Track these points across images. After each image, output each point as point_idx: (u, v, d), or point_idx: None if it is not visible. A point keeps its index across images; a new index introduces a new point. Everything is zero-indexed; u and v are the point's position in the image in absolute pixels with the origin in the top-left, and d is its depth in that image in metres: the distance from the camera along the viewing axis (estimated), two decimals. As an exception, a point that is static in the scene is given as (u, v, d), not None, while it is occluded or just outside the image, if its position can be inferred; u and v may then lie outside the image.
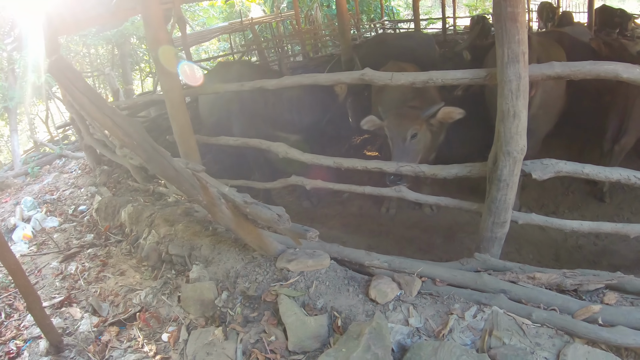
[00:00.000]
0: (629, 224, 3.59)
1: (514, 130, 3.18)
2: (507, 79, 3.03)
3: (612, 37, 13.02)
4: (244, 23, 17.86)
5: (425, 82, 3.59)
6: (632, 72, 2.90)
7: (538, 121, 5.13)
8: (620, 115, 6.07)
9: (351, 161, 4.35)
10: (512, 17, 2.84)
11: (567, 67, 3.09)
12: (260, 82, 4.84)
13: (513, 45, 2.92)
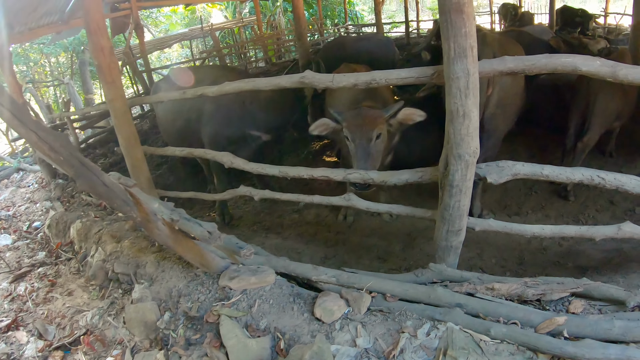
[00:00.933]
0: (594, 226, 3.42)
1: (465, 132, 2.94)
2: (455, 76, 2.80)
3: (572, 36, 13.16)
4: (204, 29, 17.54)
5: (367, 82, 3.36)
6: (592, 64, 2.71)
7: (496, 121, 4.97)
8: (581, 112, 5.98)
9: (297, 170, 4.21)
10: (457, 8, 2.63)
11: (520, 62, 2.88)
12: (201, 89, 4.67)
13: (459, 39, 2.70)
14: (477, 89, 2.85)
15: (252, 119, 5.95)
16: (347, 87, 3.59)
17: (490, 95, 4.75)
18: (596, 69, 2.72)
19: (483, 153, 5.01)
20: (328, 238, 5.83)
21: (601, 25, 18.28)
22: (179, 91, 5.18)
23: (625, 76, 2.67)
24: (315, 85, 3.63)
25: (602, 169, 6.66)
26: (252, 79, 4.24)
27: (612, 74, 2.69)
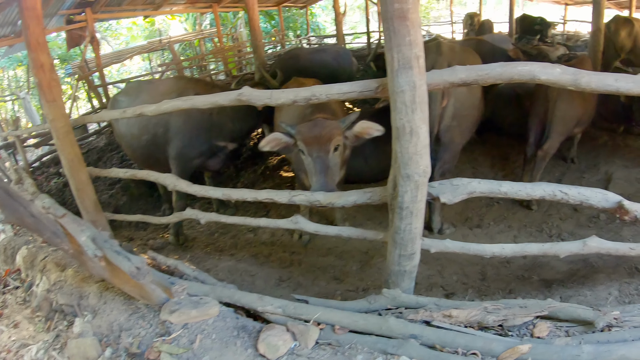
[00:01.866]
0: (557, 243, 3.26)
1: (412, 150, 2.73)
2: (399, 89, 2.60)
3: (531, 45, 13.28)
4: (163, 42, 17.18)
5: (307, 99, 3.12)
6: (551, 72, 2.54)
7: (452, 133, 4.83)
8: (541, 120, 5.89)
9: (240, 192, 4.06)
10: (400, 15, 2.43)
11: (473, 72, 2.68)
12: (140, 108, 4.47)
13: (404, 49, 2.50)
14: (425, 103, 2.64)
15: (220, 130, 5.87)
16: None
17: (445, 107, 4.60)
18: (556, 77, 2.55)
19: (440, 166, 4.92)
20: (283, 258, 5.57)
21: (560, 33, 18.56)
22: (119, 110, 5.00)
23: (588, 84, 2.51)
24: (253, 102, 3.39)
25: (564, 175, 6.79)
26: (190, 97, 4.01)
27: (573, 82, 2.53)
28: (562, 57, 11.78)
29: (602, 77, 2.50)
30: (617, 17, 10.18)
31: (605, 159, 7.00)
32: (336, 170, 4.19)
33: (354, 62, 9.33)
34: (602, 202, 2.87)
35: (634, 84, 2.46)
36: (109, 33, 26.82)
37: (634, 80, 2.46)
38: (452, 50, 5.06)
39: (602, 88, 2.51)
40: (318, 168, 4.02)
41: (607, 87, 2.50)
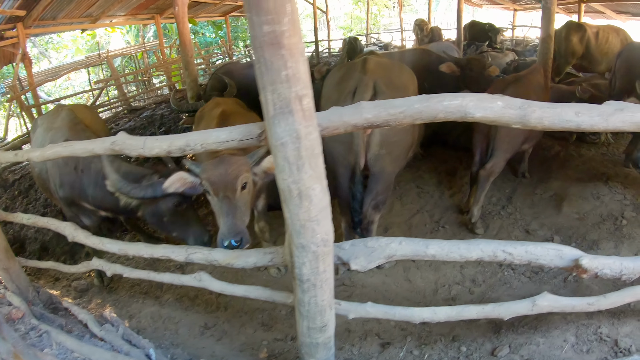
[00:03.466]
0: (502, 304, 2.81)
1: (305, 217, 2.21)
2: (279, 142, 2.08)
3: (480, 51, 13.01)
4: (102, 56, 16.35)
5: (181, 149, 2.59)
6: (490, 107, 2.10)
7: (382, 162, 4.31)
8: (485, 137, 5.43)
9: (137, 248, 3.73)
10: (272, 41, 1.90)
11: (382, 110, 2.17)
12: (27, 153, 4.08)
13: (280, 87, 1.97)
14: (317, 156, 2.13)
15: (82, 190, 4.78)
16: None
17: (370, 135, 4.09)
18: (497, 114, 2.10)
19: (372, 198, 4.39)
20: (209, 301, 4.99)
21: (509, 38, 18.53)
22: (11, 153, 4.53)
23: (540, 121, 2.06)
24: (127, 152, 2.89)
25: (514, 192, 6.34)
26: (70, 143, 3.49)
27: (521, 119, 2.08)
28: (511, 64, 11.53)
29: (559, 110, 2.04)
30: (569, 22, 10.15)
31: (558, 172, 6.62)
32: (246, 210, 3.75)
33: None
34: (556, 260, 2.44)
35: (599, 117, 2.00)
36: (49, 46, 25.73)
37: (599, 112, 2.01)
38: (380, 67, 4.59)
39: (559, 125, 2.05)
40: (225, 209, 3.63)
41: (565, 124, 2.05)
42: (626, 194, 5.69)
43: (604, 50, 9.66)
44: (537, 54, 7.93)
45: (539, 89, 5.96)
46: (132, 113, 14.17)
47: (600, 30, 9.76)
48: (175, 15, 8.44)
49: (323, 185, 2.20)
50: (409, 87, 4.70)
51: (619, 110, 1.98)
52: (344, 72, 4.82)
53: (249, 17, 1.91)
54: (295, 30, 1.92)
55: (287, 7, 1.87)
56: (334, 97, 4.55)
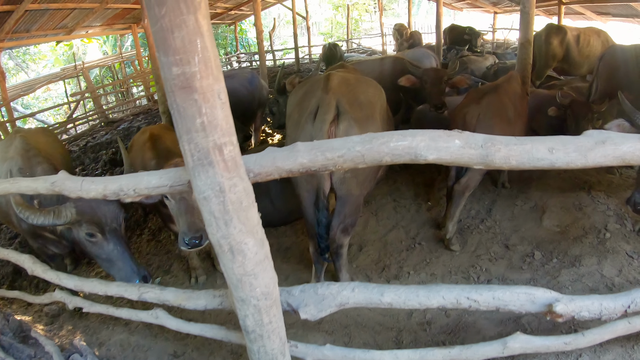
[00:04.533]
0: (470, 346, 2.54)
1: (240, 271, 2.00)
2: (201, 195, 1.88)
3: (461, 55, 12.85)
4: (78, 67, 16.01)
5: (116, 192, 2.41)
6: (445, 147, 1.88)
7: (348, 185, 4.07)
8: (461, 147, 5.19)
9: (92, 284, 3.67)
10: (183, 84, 1.68)
11: (319, 154, 1.98)
12: None
13: (196, 137, 1.76)
14: (248, 209, 1.94)
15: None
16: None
17: None
18: (454, 155, 1.87)
19: (340, 222, 4.25)
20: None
21: (490, 41, 18.45)
22: None
23: (506, 160, 1.83)
24: (66, 194, 2.78)
25: (494, 203, 6.11)
26: (16, 180, 3.49)
27: (483, 159, 1.86)
28: (490, 68, 11.38)
29: (529, 147, 1.81)
30: (549, 25, 9.99)
31: (539, 180, 6.42)
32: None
33: (264, 87, 8.61)
34: (527, 305, 2.21)
35: (577, 153, 1.77)
36: (27, 58, 25.29)
37: (577, 147, 1.78)
38: (344, 84, 4.31)
39: (529, 164, 1.83)
40: (183, 209, 3.84)
41: (536, 163, 1.83)
42: (609, 203, 5.50)
43: (585, 53, 9.53)
44: (516, 59, 7.76)
45: (516, 97, 5.75)
46: (109, 125, 13.94)
47: (581, 33, 9.63)
48: (145, 27, 8.22)
49: (258, 237, 2.00)
50: (375, 105, 4.43)
51: (600, 143, 1.75)
52: (306, 89, 4.52)
53: (157, 56, 1.69)
54: (208, 71, 1.69)
55: (198, 44, 1.64)
56: (295, 117, 4.29)
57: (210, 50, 1.67)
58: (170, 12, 1.58)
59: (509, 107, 5.43)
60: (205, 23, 1.64)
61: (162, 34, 1.61)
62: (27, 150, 4.68)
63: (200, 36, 1.63)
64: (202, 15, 1.62)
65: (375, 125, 4.17)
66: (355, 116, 3.99)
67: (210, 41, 1.68)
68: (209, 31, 1.67)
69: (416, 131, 1.91)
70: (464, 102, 5.58)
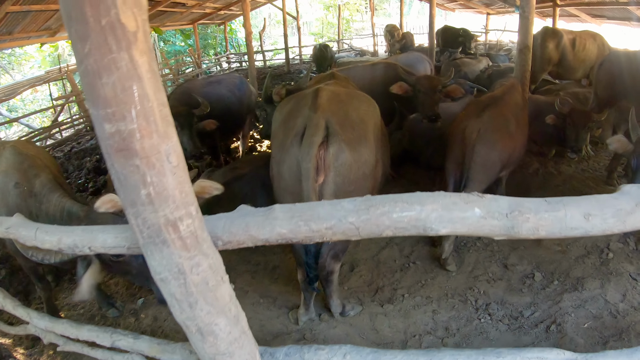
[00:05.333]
0: None
1: (213, 351, 1.77)
2: (158, 277, 1.60)
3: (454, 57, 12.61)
4: (63, 70, 15.61)
5: (70, 247, 2.12)
6: (463, 218, 1.59)
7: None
8: (459, 165, 4.92)
9: (63, 326, 3.44)
10: (120, 146, 1.33)
11: (303, 224, 1.67)
12: None
13: (142, 211, 1.43)
14: (215, 288, 1.65)
15: None
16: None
17: (323, 184, 3.55)
18: (473, 228, 1.59)
19: (331, 248, 3.99)
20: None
21: (483, 42, 18.24)
22: None
23: (534, 231, 1.56)
24: (21, 241, 2.50)
25: None
26: None
27: (507, 232, 1.58)
28: (484, 71, 11.17)
29: (562, 214, 1.52)
30: (544, 28, 9.80)
31: (537, 193, 6.18)
32: None
33: (252, 92, 8.29)
34: None
35: (615, 219, 1.51)
36: (13, 60, 24.81)
37: (615, 211, 1.51)
38: (334, 100, 3.94)
39: (560, 233, 1.56)
40: None
41: (569, 232, 1.55)
42: (611, 219, 5.25)
43: (580, 57, 9.33)
44: (515, 66, 7.53)
45: (517, 109, 5.48)
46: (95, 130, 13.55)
47: (577, 36, 9.42)
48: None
49: (231, 315, 1.73)
50: (368, 123, 4.04)
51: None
52: (292, 105, 4.13)
53: (88, 108, 1.36)
54: (151, 127, 1.33)
55: (134, 92, 1.26)
56: (280, 137, 3.92)
57: (152, 98, 1.30)
58: (96, 49, 1.21)
59: (511, 121, 5.15)
60: (145, 61, 1.27)
61: (88, 79, 1.25)
62: (21, 162, 4.20)
63: (138, 80, 1.26)
64: (139, 51, 1.25)
65: (369, 147, 3.82)
66: (346, 138, 3.62)
67: (152, 85, 1.30)
68: (151, 71, 1.29)
69: (426, 197, 1.62)
70: (463, 116, 5.27)
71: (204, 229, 1.58)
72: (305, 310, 4.39)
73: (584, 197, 1.55)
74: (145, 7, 1.25)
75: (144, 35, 1.25)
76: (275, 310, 4.68)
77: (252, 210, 1.72)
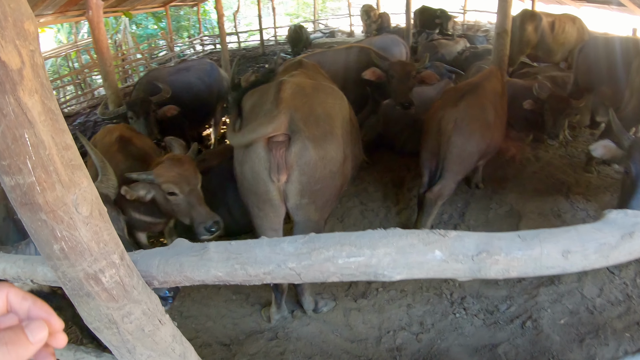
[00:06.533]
0: None
1: None
2: (91, 326, 1.46)
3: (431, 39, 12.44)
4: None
5: (15, 279, 1.84)
6: (421, 262, 1.39)
7: (306, 211, 3.54)
8: (434, 155, 4.76)
9: None
10: (23, 200, 1.14)
11: (240, 268, 1.49)
12: None
13: (60, 265, 1.27)
14: (153, 333, 1.50)
15: None
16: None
17: (287, 184, 3.36)
18: (433, 273, 1.39)
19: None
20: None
21: (460, 23, 18.07)
22: None
23: (505, 272, 1.37)
24: None
25: (468, 206, 5.65)
26: None
27: (473, 274, 1.38)
28: (462, 53, 11.02)
29: (537, 253, 1.32)
30: (523, 11, 9.70)
31: (514, 181, 6.10)
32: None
33: (224, 78, 7.99)
34: None
35: (598, 255, 1.33)
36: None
37: (598, 246, 1.32)
38: (299, 94, 3.65)
39: (534, 273, 1.38)
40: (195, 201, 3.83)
41: (546, 271, 1.36)
42: (588, 209, 5.19)
43: (559, 40, 9.25)
44: (492, 50, 7.37)
45: (496, 97, 5.25)
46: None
47: (556, 19, 9.31)
48: (89, 20, 7.47)
49: (175, 355, 1.57)
50: (335, 118, 3.73)
51: (627, 236, 1.30)
52: (255, 99, 3.87)
53: None
54: (51, 178, 1.12)
55: (27, 141, 1.06)
56: None
57: (50, 144, 1.10)
58: (-25, 93, 1.01)
59: (489, 110, 4.94)
60: (37, 102, 1.05)
61: (-25, 130, 1.06)
62: None
63: (29, 127, 1.05)
64: (27, 92, 1.03)
65: (335, 143, 3.56)
66: (310, 135, 3.37)
67: (49, 129, 1.09)
68: (46, 112, 1.08)
69: (378, 238, 1.38)
70: (439, 105, 5.03)
71: (133, 274, 1.39)
72: (277, 309, 4.26)
73: (563, 229, 1.35)
74: (35, 34, 1.03)
75: (32, 70, 1.04)
76: (248, 308, 4.55)
77: (187, 247, 1.52)
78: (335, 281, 1.41)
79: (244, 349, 4.03)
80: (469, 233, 1.38)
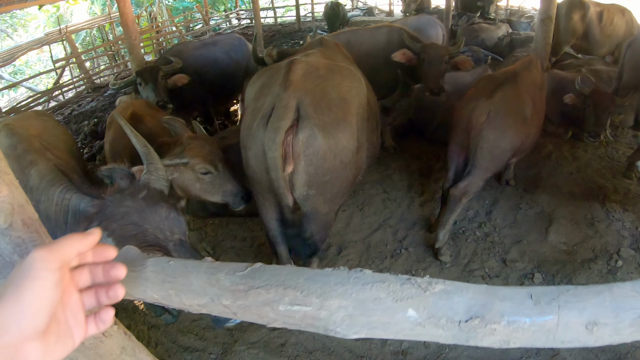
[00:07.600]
0: None
1: None
2: None
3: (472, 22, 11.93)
4: (62, 31, 15.07)
5: None
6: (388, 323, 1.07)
7: (314, 203, 3.28)
8: (463, 149, 4.40)
9: None
10: None
11: (175, 296, 1.26)
12: None
13: None
14: (96, 347, 1.39)
15: None
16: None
17: (294, 174, 3.08)
18: (404, 336, 1.06)
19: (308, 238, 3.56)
20: None
21: (504, 7, 17.40)
22: None
23: (503, 344, 1.02)
24: None
25: (495, 204, 5.24)
26: None
27: (460, 342, 1.04)
28: (503, 38, 10.54)
29: (551, 325, 0.97)
30: None
31: (547, 181, 5.70)
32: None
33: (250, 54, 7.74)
34: None
35: (633, 329, 0.97)
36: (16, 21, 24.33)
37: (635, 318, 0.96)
38: (310, 76, 3.31)
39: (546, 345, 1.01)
40: (227, 175, 3.78)
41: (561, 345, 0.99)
42: (624, 219, 4.82)
43: (607, 32, 8.70)
44: (535, 38, 6.94)
45: (534, 89, 4.77)
46: (96, 92, 13.21)
47: (604, 10, 8.75)
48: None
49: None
50: (350, 103, 3.39)
51: None
52: (264, 80, 3.55)
53: None
54: None
55: None
56: (248, 117, 3.38)
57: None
58: None
59: (527, 103, 4.48)
60: None
61: None
62: (14, 146, 3.39)
63: None
64: None
65: (348, 131, 3.24)
66: (320, 121, 3.05)
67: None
68: None
69: (333, 284, 1.08)
70: (472, 94, 4.60)
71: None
72: None
73: (592, 290, 0.99)
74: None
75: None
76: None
77: (130, 259, 1.27)
78: (281, 327, 1.14)
79: (246, 337, 3.92)
80: (462, 287, 1.05)
